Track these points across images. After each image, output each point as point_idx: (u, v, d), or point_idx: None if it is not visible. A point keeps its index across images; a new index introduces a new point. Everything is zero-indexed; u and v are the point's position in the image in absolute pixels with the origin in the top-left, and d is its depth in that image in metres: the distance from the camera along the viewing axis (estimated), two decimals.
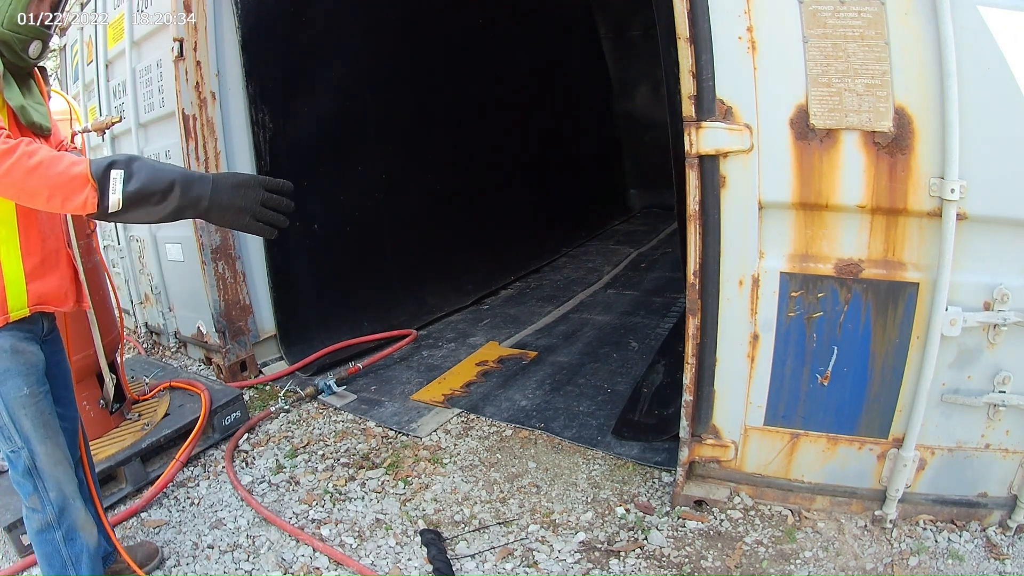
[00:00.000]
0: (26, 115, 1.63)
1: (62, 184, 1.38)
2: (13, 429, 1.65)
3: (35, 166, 1.38)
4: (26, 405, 1.65)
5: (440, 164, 4.84)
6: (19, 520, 2.14)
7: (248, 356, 3.50)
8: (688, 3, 1.78)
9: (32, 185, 1.38)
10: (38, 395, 1.68)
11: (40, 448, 1.68)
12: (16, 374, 1.63)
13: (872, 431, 2.02)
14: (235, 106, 3.38)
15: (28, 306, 1.64)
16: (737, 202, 1.90)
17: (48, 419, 1.70)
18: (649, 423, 2.73)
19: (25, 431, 1.66)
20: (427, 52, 4.67)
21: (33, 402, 1.66)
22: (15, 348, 1.62)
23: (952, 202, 1.71)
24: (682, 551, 2.06)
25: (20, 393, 1.64)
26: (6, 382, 1.62)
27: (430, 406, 3.07)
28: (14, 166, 1.37)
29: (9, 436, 1.66)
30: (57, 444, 1.73)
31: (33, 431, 1.67)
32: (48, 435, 1.70)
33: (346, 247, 3.98)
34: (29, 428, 1.66)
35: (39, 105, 1.71)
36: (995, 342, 1.83)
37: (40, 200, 1.41)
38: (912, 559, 1.96)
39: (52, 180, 1.38)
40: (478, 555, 2.11)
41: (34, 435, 1.67)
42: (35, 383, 1.67)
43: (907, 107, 1.72)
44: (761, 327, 2.00)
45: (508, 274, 5.09)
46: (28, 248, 1.64)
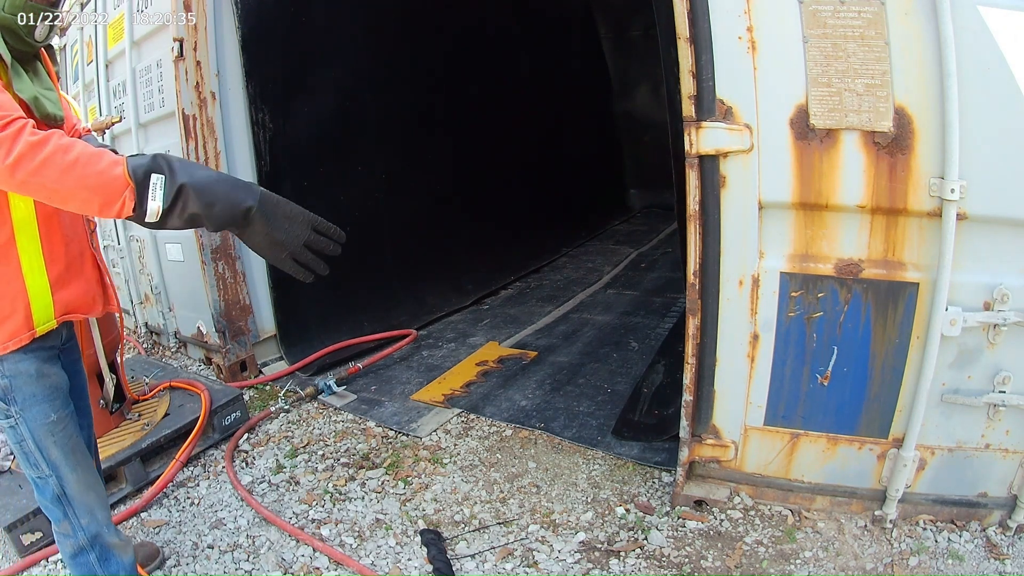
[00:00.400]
0: (40, 107, 1.49)
1: (101, 186, 1.24)
2: (40, 457, 1.57)
3: (71, 164, 1.23)
4: (54, 432, 1.57)
5: (440, 164, 4.84)
6: (19, 520, 2.14)
7: (248, 356, 3.50)
8: (688, 3, 1.78)
9: (67, 186, 1.24)
10: (65, 419, 1.59)
11: (71, 475, 1.61)
12: (42, 399, 1.54)
13: (872, 431, 2.02)
14: (235, 106, 3.38)
15: (55, 317, 1.54)
16: (737, 202, 1.90)
17: (76, 443, 1.63)
18: (649, 423, 2.73)
19: (53, 458, 1.58)
20: (427, 52, 4.67)
21: (61, 428, 1.58)
22: (40, 372, 1.53)
23: (952, 202, 1.71)
24: (682, 551, 2.06)
25: (47, 420, 1.55)
26: (32, 408, 1.54)
27: (430, 406, 3.07)
28: (47, 163, 1.22)
29: (36, 463, 1.58)
30: (87, 469, 1.66)
31: (62, 458, 1.59)
32: (78, 461, 1.62)
33: (346, 247, 3.97)
34: (58, 456, 1.58)
35: (49, 91, 1.57)
36: (995, 342, 1.83)
37: (73, 203, 1.27)
38: (912, 559, 1.96)
39: (91, 181, 1.23)
40: (478, 555, 2.11)
41: (63, 462, 1.60)
42: (61, 407, 1.58)
43: (907, 107, 1.72)
44: (761, 327, 2.00)
45: (508, 274, 5.09)
46: (52, 254, 1.53)
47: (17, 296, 1.48)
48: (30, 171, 1.22)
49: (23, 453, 1.58)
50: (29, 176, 1.22)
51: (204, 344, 3.61)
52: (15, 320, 1.48)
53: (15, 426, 1.55)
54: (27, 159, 1.21)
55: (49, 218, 1.51)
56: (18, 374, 1.51)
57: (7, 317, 1.47)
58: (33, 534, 2.17)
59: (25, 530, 2.15)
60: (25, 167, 1.21)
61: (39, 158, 1.22)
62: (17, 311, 1.48)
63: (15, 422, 1.54)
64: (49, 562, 2.15)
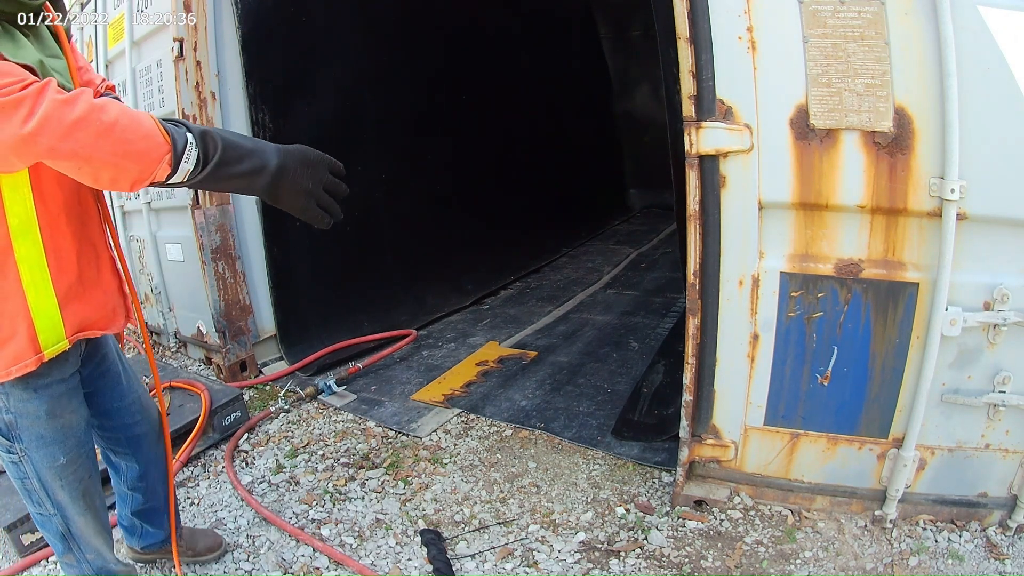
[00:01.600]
0: (47, 74, 1.22)
1: (142, 153, 1.09)
2: (45, 496, 1.47)
3: (109, 126, 1.06)
4: (63, 476, 1.45)
5: (440, 164, 4.84)
6: (19, 520, 2.14)
7: (248, 356, 3.50)
8: (688, 3, 1.78)
9: (103, 153, 1.06)
10: (76, 461, 1.46)
11: (79, 519, 1.52)
12: (51, 442, 1.40)
13: (872, 431, 2.02)
14: (235, 106, 3.38)
15: (67, 336, 1.35)
16: (737, 202, 1.90)
17: (87, 487, 1.51)
18: (649, 423, 2.73)
19: (60, 501, 1.48)
20: (427, 52, 4.67)
21: (72, 471, 1.46)
22: (51, 412, 1.38)
23: (952, 202, 1.71)
24: (682, 551, 2.06)
25: (56, 463, 1.42)
26: (40, 450, 1.40)
27: (430, 406, 3.07)
28: (79, 125, 1.04)
29: (39, 501, 1.48)
30: (96, 514, 1.56)
31: (70, 502, 1.49)
32: (88, 506, 1.52)
33: (346, 247, 3.98)
34: (65, 499, 1.48)
35: (55, 59, 1.32)
36: (995, 342, 1.83)
37: (106, 174, 1.10)
38: (912, 559, 1.96)
39: (133, 147, 1.08)
40: (478, 555, 2.11)
41: (71, 506, 1.50)
42: (73, 448, 1.45)
43: (907, 107, 1.72)
44: (761, 327, 2.00)
45: (508, 274, 5.09)
46: (59, 263, 1.32)
47: (17, 315, 1.28)
48: (59, 135, 1.04)
49: (25, 490, 1.48)
50: (58, 141, 1.04)
51: (204, 344, 3.61)
52: (17, 343, 1.29)
53: (18, 463, 1.43)
54: (54, 121, 1.03)
55: (55, 218, 1.30)
56: (25, 413, 1.37)
57: (7, 339, 1.28)
58: (33, 534, 2.17)
59: (25, 530, 2.15)
60: (53, 131, 1.03)
61: (70, 118, 1.04)
62: (18, 332, 1.28)
63: (18, 459, 1.42)
64: (49, 562, 2.15)
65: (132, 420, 1.70)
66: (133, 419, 1.70)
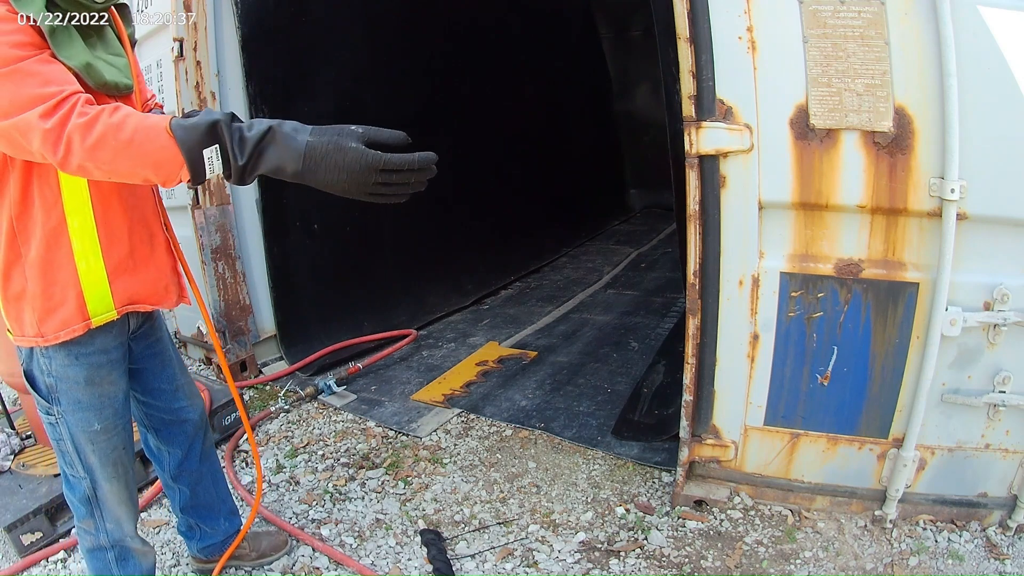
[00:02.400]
0: (94, 75, 1.31)
1: (158, 164, 1.17)
2: (77, 459, 1.51)
3: (126, 143, 1.15)
4: (95, 441, 1.50)
5: (440, 164, 4.81)
6: (19, 520, 2.14)
7: (248, 356, 3.50)
8: (688, 3, 1.78)
9: (123, 168, 1.17)
10: (111, 430, 1.51)
11: (105, 484, 1.56)
12: (87, 407, 1.46)
13: (872, 431, 2.02)
14: (235, 106, 3.38)
15: (116, 308, 1.43)
16: (737, 202, 1.90)
17: (120, 456, 1.55)
18: (649, 423, 2.73)
19: (90, 464, 1.52)
20: (427, 52, 4.67)
21: (105, 438, 1.51)
22: (90, 379, 1.44)
23: (952, 202, 1.71)
24: (682, 551, 2.06)
25: (90, 428, 1.48)
26: (76, 413, 1.46)
27: (430, 406, 3.07)
28: (99, 146, 1.14)
29: (71, 463, 1.53)
30: (125, 484, 1.59)
31: (100, 468, 1.53)
32: (116, 474, 1.56)
33: (346, 247, 3.98)
34: (95, 464, 1.52)
35: (115, 57, 1.39)
36: (995, 342, 1.84)
37: (134, 180, 1.22)
38: (912, 559, 1.96)
39: (149, 160, 1.17)
40: (478, 555, 2.11)
41: (100, 472, 1.54)
42: (110, 416, 1.50)
43: (907, 107, 1.72)
44: (761, 327, 2.00)
45: (508, 274, 5.09)
46: (110, 238, 1.40)
47: (68, 283, 1.37)
48: (83, 156, 1.15)
49: (60, 451, 1.53)
50: (83, 161, 1.15)
51: (204, 344, 3.61)
52: (66, 309, 1.38)
53: (55, 424, 1.49)
54: (76, 146, 1.14)
55: (107, 198, 1.39)
56: (65, 378, 1.43)
57: (58, 306, 1.37)
58: (33, 534, 2.17)
59: (25, 530, 2.15)
60: (76, 155, 1.15)
61: (90, 141, 1.14)
62: (68, 299, 1.37)
63: (55, 420, 1.48)
64: (49, 562, 2.15)
65: (178, 404, 1.76)
66: (179, 403, 1.76)
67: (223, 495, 1.99)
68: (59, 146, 1.14)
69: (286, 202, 3.58)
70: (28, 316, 1.38)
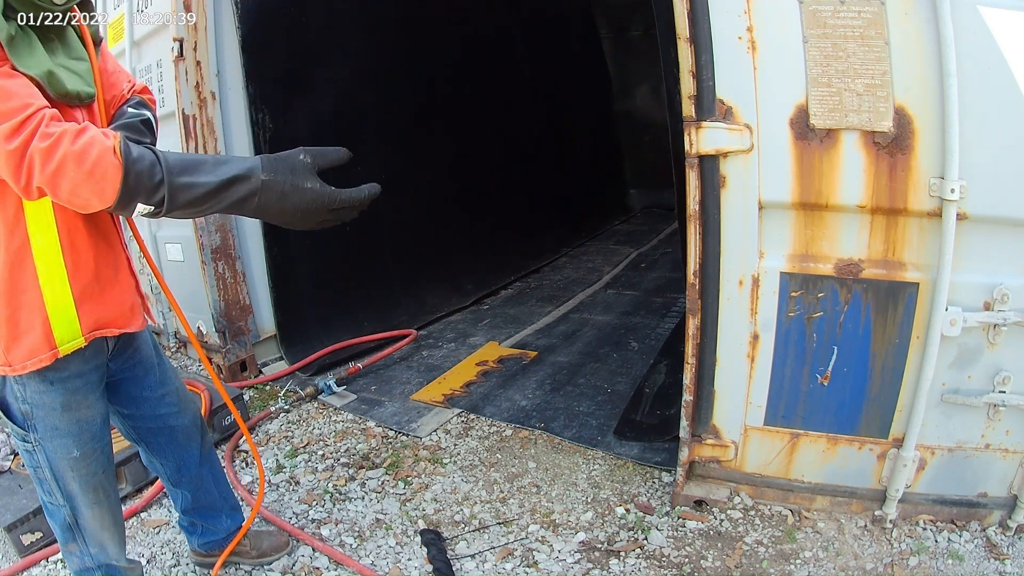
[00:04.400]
0: (56, 84, 1.24)
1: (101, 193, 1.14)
2: (56, 487, 1.47)
3: (87, 173, 1.11)
4: (75, 467, 1.46)
5: (440, 164, 4.84)
6: (19, 520, 2.14)
7: (248, 356, 3.50)
8: (688, 3, 1.78)
9: (83, 198, 1.14)
10: (90, 456, 1.47)
11: (87, 512, 1.52)
12: (65, 434, 1.42)
13: (872, 431, 2.02)
14: (235, 106, 3.38)
15: (83, 334, 1.37)
16: (737, 202, 1.90)
17: (100, 481, 1.51)
18: (651, 423, 2.73)
19: (70, 492, 1.49)
20: (427, 52, 4.67)
21: (84, 464, 1.46)
22: (66, 405, 1.39)
23: (952, 202, 1.71)
24: (682, 551, 2.06)
25: (70, 455, 1.44)
26: (54, 440, 1.42)
27: (430, 406, 3.07)
28: (58, 174, 1.09)
29: (50, 491, 1.49)
30: (107, 508, 1.56)
31: (80, 494, 1.50)
32: (97, 499, 1.52)
33: (346, 247, 3.98)
34: (76, 490, 1.49)
35: (77, 62, 1.32)
36: (995, 342, 1.83)
37: (84, 207, 1.18)
38: (912, 559, 1.96)
39: (97, 188, 1.13)
40: (478, 555, 2.11)
41: (81, 498, 1.50)
42: (88, 441, 1.46)
43: (907, 107, 1.72)
44: (761, 327, 2.00)
45: (508, 274, 5.09)
46: (76, 262, 1.34)
47: (34, 309, 1.30)
48: (42, 181, 1.12)
49: (37, 479, 1.49)
50: (43, 186, 1.13)
51: (204, 344, 3.61)
52: (33, 337, 1.31)
53: (32, 452, 1.45)
54: (36, 171, 1.11)
55: (71, 216, 1.31)
56: (41, 404, 1.38)
57: (24, 333, 1.31)
58: (33, 534, 2.17)
59: (25, 530, 2.15)
60: (36, 180, 1.12)
61: (50, 168, 1.10)
62: (34, 326, 1.31)
63: (32, 448, 1.44)
64: (49, 562, 2.15)
65: (163, 411, 1.70)
66: (168, 410, 1.70)
67: (225, 493, 1.99)
68: (20, 170, 1.10)
69: None
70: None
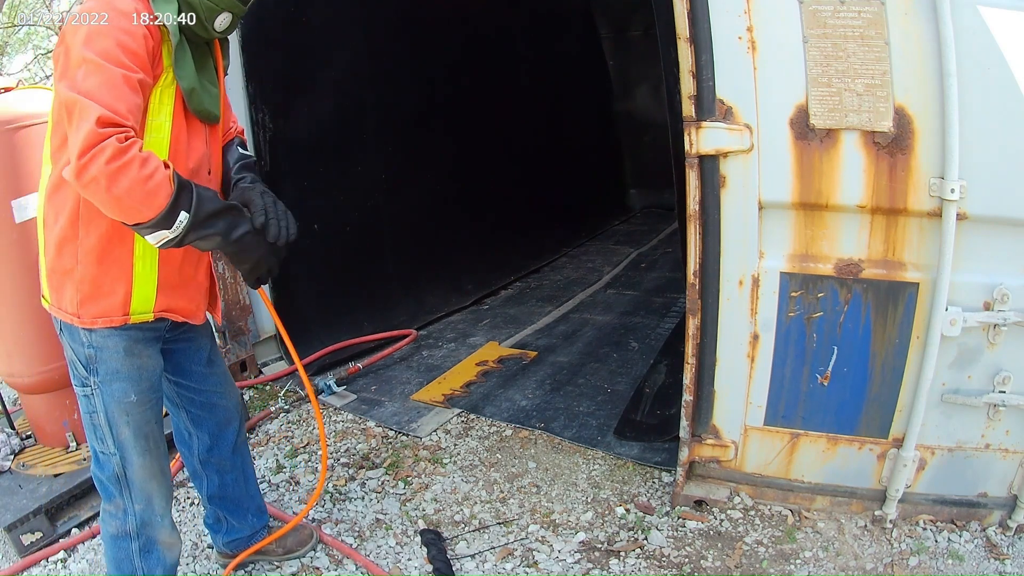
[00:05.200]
0: (195, 101, 1.45)
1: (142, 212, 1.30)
2: (108, 433, 1.54)
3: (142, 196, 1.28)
4: (130, 412, 1.53)
5: (440, 164, 4.84)
6: (19, 520, 2.14)
7: (248, 356, 3.50)
8: (688, 3, 1.78)
9: (118, 209, 1.29)
10: (146, 403, 1.56)
11: (136, 460, 1.57)
12: (125, 378, 1.51)
13: (872, 431, 2.02)
14: (235, 106, 3.35)
15: (153, 311, 1.52)
16: (737, 202, 1.90)
17: (152, 429, 1.59)
18: (652, 423, 2.73)
19: (123, 438, 1.54)
20: (427, 52, 4.67)
21: (140, 410, 1.55)
22: (129, 350, 1.51)
23: (952, 202, 1.71)
24: (682, 551, 2.06)
25: (127, 399, 1.52)
26: (112, 384, 1.51)
27: (430, 406, 3.07)
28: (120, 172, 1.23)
29: (102, 437, 1.55)
30: (156, 457, 1.61)
31: (132, 441, 1.55)
32: (148, 447, 1.59)
33: (346, 247, 3.98)
34: (128, 437, 1.55)
35: (212, 86, 1.52)
36: (995, 342, 1.84)
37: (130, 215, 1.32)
38: (912, 559, 1.96)
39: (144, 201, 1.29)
40: (478, 555, 2.11)
41: (132, 445, 1.56)
42: (146, 390, 1.55)
43: (907, 107, 1.72)
44: (761, 327, 2.00)
45: (508, 274, 5.08)
46: (167, 256, 1.51)
47: (121, 278, 1.47)
48: (101, 174, 1.24)
49: (91, 425, 1.55)
50: (99, 178, 1.24)
51: None
52: (112, 300, 1.47)
53: (90, 396, 1.52)
54: (98, 171, 1.23)
55: None
56: (105, 347, 1.49)
57: (105, 295, 1.46)
58: (33, 534, 2.17)
59: (25, 530, 2.15)
60: (91, 174, 1.24)
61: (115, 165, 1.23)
62: (116, 292, 1.47)
63: (91, 392, 1.52)
64: (49, 562, 2.15)
65: (209, 386, 1.80)
66: (213, 387, 1.81)
67: (252, 491, 2.01)
68: (85, 153, 1.22)
69: (286, 202, 3.58)
70: (69, 294, 1.46)
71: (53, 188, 1.45)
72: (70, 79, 1.27)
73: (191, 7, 1.40)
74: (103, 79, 1.27)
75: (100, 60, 1.27)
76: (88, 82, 1.26)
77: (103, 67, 1.27)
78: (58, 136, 1.40)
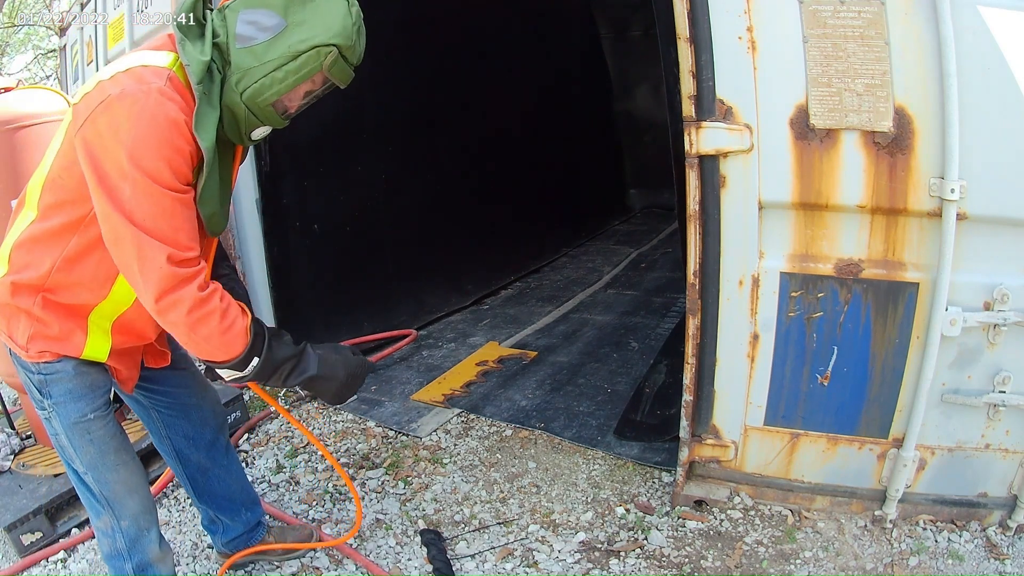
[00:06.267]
0: (214, 224, 1.43)
1: (222, 354, 1.39)
2: (75, 454, 1.51)
3: (219, 342, 1.36)
4: (91, 430, 1.50)
5: (440, 164, 4.83)
6: (19, 520, 2.14)
7: None
8: (688, 3, 1.78)
9: (196, 345, 1.36)
10: (104, 418, 1.52)
11: (110, 476, 1.54)
12: (79, 397, 1.47)
13: (872, 431, 2.02)
14: None
15: (106, 360, 1.51)
16: (737, 202, 1.90)
17: (119, 443, 1.56)
18: (651, 423, 2.73)
19: (89, 457, 1.52)
20: (427, 53, 4.67)
21: (100, 426, 1.51)
22: (78, 368, 1.47)
23: (952, 202, 1.71)
24: (682, 551, 2.06)
25: (84, 419, 1.49)
26: (67, 404, 1.47)
27: (430, 406, 3.07)
28: (200, 323, 1.32)
29: (70, 458, 1.53)
30: (130, 471, 1.58)
31: (100, 458, 1.52)
32: (119, 461, 1.55)
33: (346, 247, 3.97)
34: (94, 455, 1.52)
35: (227, 196, 1.51)
36: (995, 342, 1.84)
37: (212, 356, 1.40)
38: (912, 559, 1.96)
39: (223, 350, 1.38)
40: (478, 555, 2.11)
41: (101, 463, 1.53)
42: (102, 405, 1.52)
43: (907, 107, 1.72)
44: (761, 327, 2.00)
45: (508, 274, 5.08)
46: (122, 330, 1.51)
47: (75, 330, 1.45)
48: (181, 321, 1.31)
49: (59, 446, 1.54)
50: (179, 324, 1.32)
51: None
52: (60, 345, 1.44)
53: (49, 419, 1.50)
54: (183, 311, 1.30)
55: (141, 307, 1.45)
56: (54, 371, 1.46)
57: (55, 339, 1.43)
58: (33, 534, 2.17)
59: (25, 530, 2.15)
60: (174, 314, 1.30)
61: (196, 315, 1.30)
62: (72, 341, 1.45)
63: (48, 415, 1.50)
64: (49, 562, 2.15)
65: (180, 389, 1.79)
66: (181, 387, 1.80)
67: (242, 484, 1.99)
68: (167, 295, 1.27)
69: (286, 202, 3.58)
70: (22, 328, 1.43)
71: (31, 239, 1.38)
72: (115, 197, 1.23)
73: (233, 116, 1.36)
74: (157, 209, 1.24)
75: (149, 181, 1.22)
76: (142, 210, 1.23)
77: (153, 191, 1.23)
78: (56, 193, 1.35)
